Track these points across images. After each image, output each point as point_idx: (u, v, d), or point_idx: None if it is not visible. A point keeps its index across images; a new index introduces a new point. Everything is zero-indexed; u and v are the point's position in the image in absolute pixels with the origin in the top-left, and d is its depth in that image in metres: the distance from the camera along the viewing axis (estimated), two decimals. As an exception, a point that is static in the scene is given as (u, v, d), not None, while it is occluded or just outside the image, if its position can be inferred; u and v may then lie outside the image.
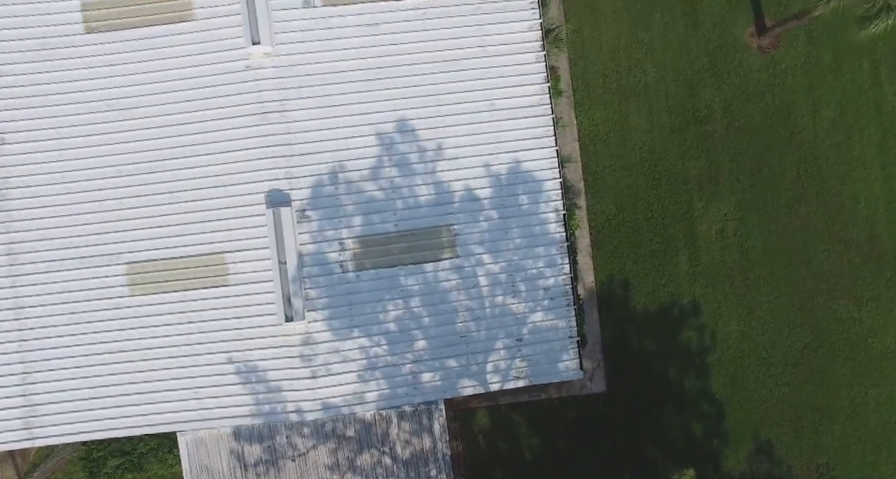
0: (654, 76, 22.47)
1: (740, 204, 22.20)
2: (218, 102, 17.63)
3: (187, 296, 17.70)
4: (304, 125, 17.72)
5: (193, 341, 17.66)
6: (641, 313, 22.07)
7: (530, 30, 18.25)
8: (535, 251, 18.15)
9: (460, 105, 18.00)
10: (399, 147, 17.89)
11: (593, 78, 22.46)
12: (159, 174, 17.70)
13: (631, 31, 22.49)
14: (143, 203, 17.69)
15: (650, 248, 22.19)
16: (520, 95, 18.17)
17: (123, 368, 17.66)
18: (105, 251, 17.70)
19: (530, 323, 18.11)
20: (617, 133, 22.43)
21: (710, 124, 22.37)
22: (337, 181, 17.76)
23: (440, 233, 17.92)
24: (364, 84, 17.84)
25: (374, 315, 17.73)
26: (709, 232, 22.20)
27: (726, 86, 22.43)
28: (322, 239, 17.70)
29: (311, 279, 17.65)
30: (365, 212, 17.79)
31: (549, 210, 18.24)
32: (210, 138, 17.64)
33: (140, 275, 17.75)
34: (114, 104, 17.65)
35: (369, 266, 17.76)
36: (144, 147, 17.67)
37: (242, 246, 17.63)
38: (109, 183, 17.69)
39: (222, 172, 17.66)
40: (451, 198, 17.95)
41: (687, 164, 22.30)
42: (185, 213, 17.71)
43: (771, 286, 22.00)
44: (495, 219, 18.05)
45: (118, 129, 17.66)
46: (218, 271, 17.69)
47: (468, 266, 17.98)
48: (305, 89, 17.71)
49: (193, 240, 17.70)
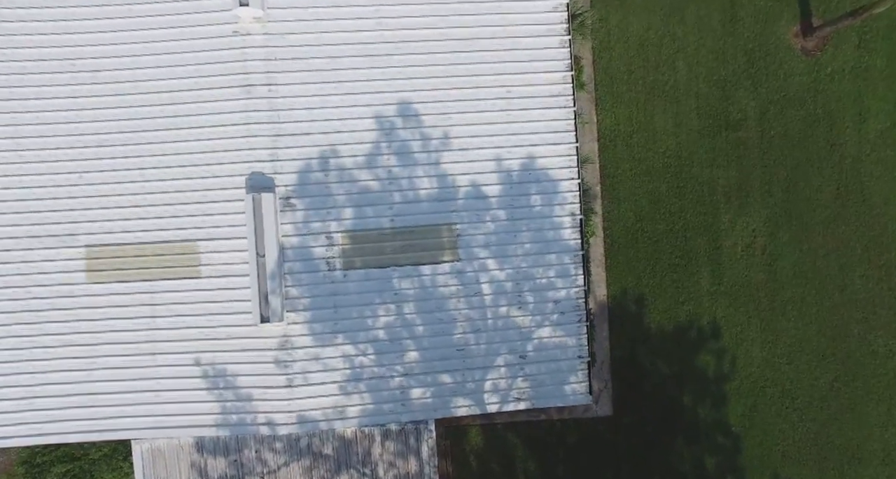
0: (685, 74, 20.53)
1: (771, 219, 20.27)
2: (198, 70, 15.60)
3: (153, 287, 15.66)
4: (293, 102, 15.68)
5: (156, 338, 15.64)
6: (655, 332, 20.18)
7: (555, 10, 16.24)
8: (546, 259, 16.14)
9: (472, 90, 15.97)
10: (400, 133, 15.85)
11: (618, 73, 20.51)
12: (127, 147, 15.66)
13: (662, 23, 20.55)
14: (106, 179, 15.66)
15: (669, 262, 20.28)
16: (539, 82, 16.16)
17: (74, 364, 15.63)
18: (61, 231, 15.67)
19: (536, 339, 16.09)
20: (640, 134, 20.48)
21: (743, 130, 20.42)
22: (327, 167, 15.72)
23: (441, 232, 15.90)
24: (365, 60, 15.81)
25: (362, 320, 15.70)
26: (734, 248, 20.28)
27: (764, 89, 20.48)
28: (307, 231, 15.66)
29: (293, 276, 15.61)
30: (357, 204, 15.75)
31: (564, 214, 16.22)
32: (187, 110, 15.61)
33: (99, 260, 15.71)
34: (79, 64, 15.61)
35: (359, 265, 15.73)
36: (111, 116, 15.63)
37: (218, 234, 15.60)
38: (69, 154, 15.65)
39: (199, 150, 15.63)
40: (455, 194, 15.92)
41: (715, 172, 20.36)
42: (154, 193, 15.67)
43: (800, 311, 20.05)
44: (503, 220, 16.03)
45: (82, 93, 15.62)
46: (189, 261, 15.66)
47: (470, 271, 15.95)
48: (298, 62, 15.69)
49: (162, 224, 15.67)
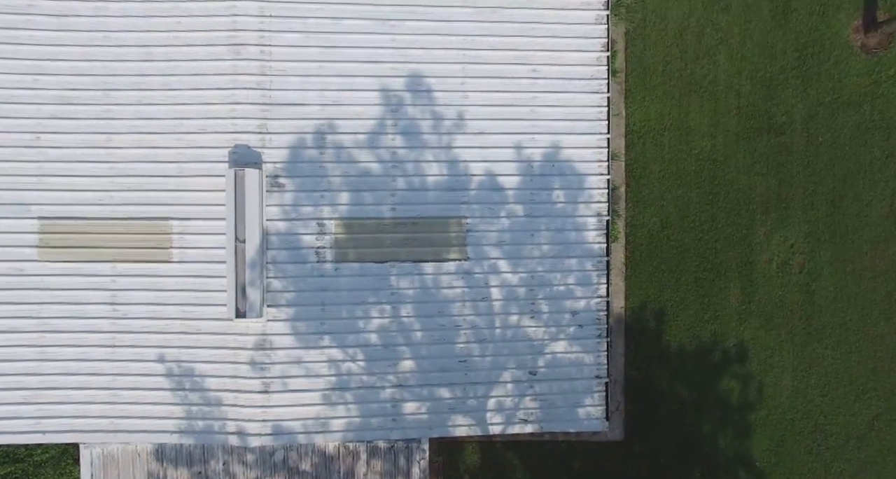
0: (727, 69, 18.55)
1: (812, 235, 18.30)
2: (179, 23, 13.59)
3: (115, 269, 13.67)
4: (287, 66, 13.67)
5: (116, 329, 13.65)
6: (675, 352, 18.23)
7: (594, -20, 14.26)
8: (565, 263, 14.13)
9: (493, 66, 13.96)
10: (408, 110, 13.84)
11: (652, 63, 18.53)
12: (93, 107, 13.64)
13: (705, 10, 18.57)
14: (67, 142, 13.64)
15: (695, 275, 18.33)
16: (571, 62, 14.15)
17: (20, 353, 13.64)
18: (10, 199, 13.65)
19: (549, 354, 14.09)
20: (673, 133, 18.51)
21: (788, 135, 18.45)
22: (323, 144, 13.71)
23: (448, 226, 13.89)
24: (372, 24, 13.80)
25: (353, 321, 13.69)
26: (769, 264, 18.31)
27: (814, 90, 18.49)
28: (296, 216, 13.65)
29: (276, 266, 13.60)
30: (355, 188, 13.74)
31: (589, 213, 14.23)
32: (164, 69, 13.61)
33: (54, 235, 13.70)
34: (39, 6, 13.55)
35: (353, 258, 13.72)
36: (76, 69, 13.60)
37: (193, 213, 13.60)
38: (24, 111, 13.62)
39: (176, 115, 13.62)
40: (467, 183, 13.91)
41: (752, 179, 18.40)
42: (122, 162, 13.67)
43: (839, 339, 18.07)
44: (520, 216, 14.02)
45: (42, 40, 13.58)
46: (158, 242, 13.66)
47: (479, 272, 13.94)
48: (294, 20, 13.68)
49: (130, 198, 13.66)
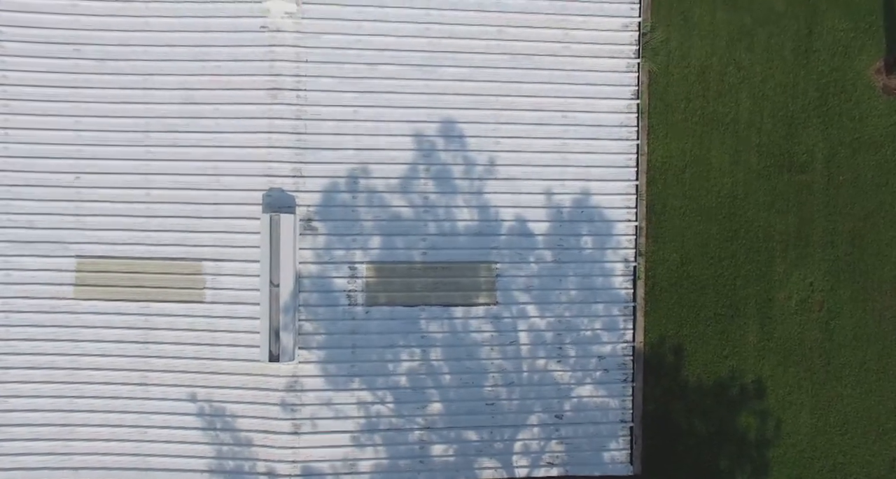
0: (749, 108, 18.73)
1: (831, 273, 18.46)
2: (218, 67, 13.78)
3: (149, 309, 13.85)
4: (322, 111, 13.86)
5: (149, 367, 13.83)
6: (693, 387, 18.38)
7: (625, 29, 14.42)
8: (592, 308, 14.32)
9: (526, 112, 14.15)
10: (440, 155, 14.03)
11: (675, 100, 18.70)
12: (131, 149, 13.84)
13: (728, 49, 18.74)
14: (106, 183, 13.85)
15: (714, 311, 18.48)
16: (601, 109, 14.35)
17: (54, 389, 13.83)
18: (50, 238, 13.86)
19: (575, 398, 14.27)
20: (694, 170, 18.68)
21: (808, 174, 18.61)
22: (356, 188, 13.90)
23: (478, 271, 14.08)
24: (406, 69, 13.99)
25: (382, 364, 13.88)
26: (788, 301, 18.47)
27: (835, 130, 18.66)
28: (329, 259, 13.84)
29: (309, 309, 13.78)
30: (387, 232, 13.92)
31: (616, 259, 14.42)
32: (202, 112, 13.79)
33: (90, 274, 13.90)
34: (83, 51, 13.77)
35: (383, 301, 13.91)
36: (116, 112, 13.81)
37: (227, 255, 13.79)
38: (66, 151, 13.84)
39: (213, 157, 13.81)
40: (497, 228, 14.10)
41: (772, 217, 18.57)
42: (158, 203, 13.86)
43: (859, 378, 18.22)
44: (549, 262, 14.21)
45: (85, 83, 13.80)
46: (192, 283, 13.85)
47: (507, 317, 14.12)
48: (331, 66, 13.86)
49: (165, 239, 13.85)
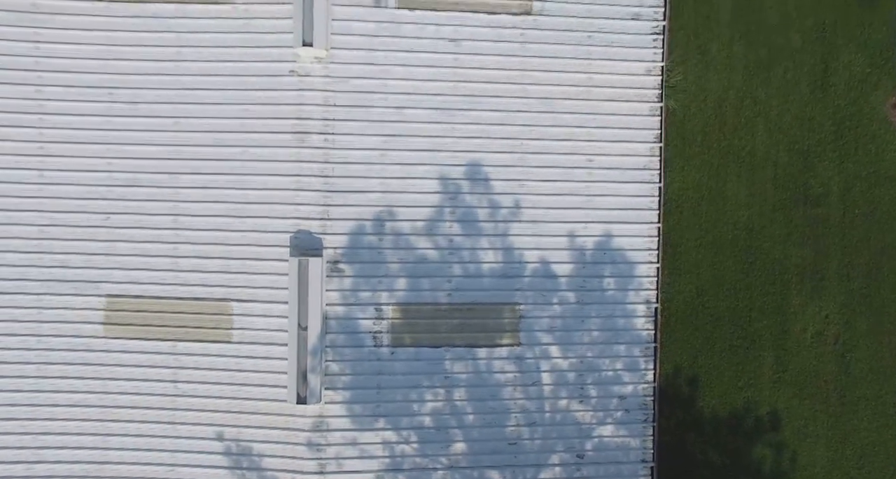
0: (765, 141, 18.93)
1: (847, 306, 18.65)
2: (247, 111, 13.96)
3: (177, 348, 14.04)
4: (350, 155, 14.04)
5: (176, 406, 14.01)
6: (708, 418, 18.57)
7: (648, 73, 14.60)
8: (614, 349, 14.50)
9: (550, 156, 14.33)
10: (466, 199, 14.21)
11: (691, 133, 18.91)
12: (162, 190, 14.03)
13: (745, 83, 18.94)
14: (136, 223, 14.03)
15: (730, 342, 18.68)
16: (624, 152, 14.52)
17: (83, 426, 14.01)
18: (80, 276, 14.04)
19: (596, 437, 14.45)
20: (709, 202, 18.89)
21: (824, 207, 18.81)
22: (382, 231, 14.08)
23: (502, 312, 14.26)
24: (433, 113, 14.17)
25: (407, 404, 14.06)
26: (803, 334, 18.66)
27: (851, 163, 18.85)
28: (355, 301, 14.02)
29: (335, 350, 13.96)
30: (413, 274, 14.10)
31: (638, 301, 14.59)
32: (230, 154, 13.98)
33: (120, 313, 14.08)
34: (116, 94, 13.97)
35: (408, 342, 14.09)
36: (147, 153, 14.00)
37: (254, 296, 13.96)
38: (97, 192, 14.03)
39: (241, 199, 13.99)
40: (521, 270, 14.28)
41: (788, 250, 18.76)
42: (187, 243, 14.04)
43: (875, 412, 18.39)
44: (571, 303, 14.38)
45: (117, 125, 14.00)
46: (220, 323, 14.02)
47: (530, 357, 14.30)
48: (358, 110, 14.05)
49: (194, 279, 14.03)
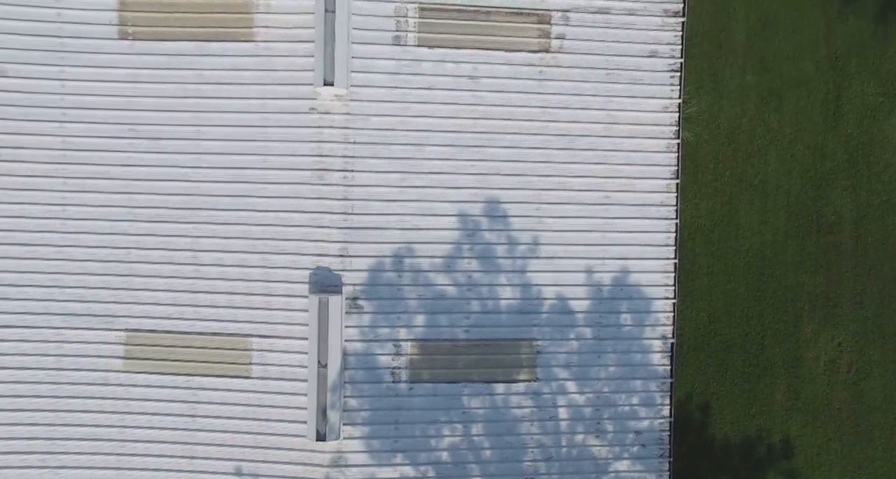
0: (777, 169, 19.02)
1: (861, 334, 18.72)
2: (267, 148, 14.06)
3: (195, 382, 14.13)
4: (369, 191, 14.14)
5: (195, 440, 14.10)
6: (721, 445, 18.66)
7: (665, 110, 14.68)
8: (630, 384, 14.58)
9: (568, 192, 14.41)
10: (484, 235, 14.30)
11: (704, 161, 19.01)
12: (182, 226, 14.13)
13: (758, 111, 19.03)
14: (156, 258, 14.13)
15: (742, 369, 18.77)
16: (641, 189, 14.60)
17: (97, 461, 14.09)
18: (101, 311, 14.14)
19: (612, 472, 14.53)
20: (722, 229, 18.98)
21: (837, 234, 18.89)
22: (401, 267, 14.17)
23: (520, 348, 14.34)
24: (452, 150, 14.25)
25: (425, 439, 14.15)
26: (816, 362, 18.74)
27: (864, 191, 18.93)
28: (374, 337, 14.11)
29: (354, 386, 14.05)
30: (431, 310, 14.20)
31: (654, 336, 14.66)
32: (251, 190, 14.08)
33: (139, 347, 14.18)
34: (138, 131, 14.08)
35: (427, 378, 14.18)
36: (168, 189, 14.11)
37: (274, 332, 14.05)
38: (118, 227, 14.13)
39: (260, 236, 14.09)
40: (539, 306, 14.36)
41: (800, 277, 18.84)
42: (207, 279, 14.13)
43: (890, 440, 18.46)
44: (588, 339, 14.47)
45: (139, 161, 14.11)
46: (239, 358, 14.11)
47: (547, 393, 14.40)
48: (378, 147, 14.14)
49: (213, 314, 14.12)
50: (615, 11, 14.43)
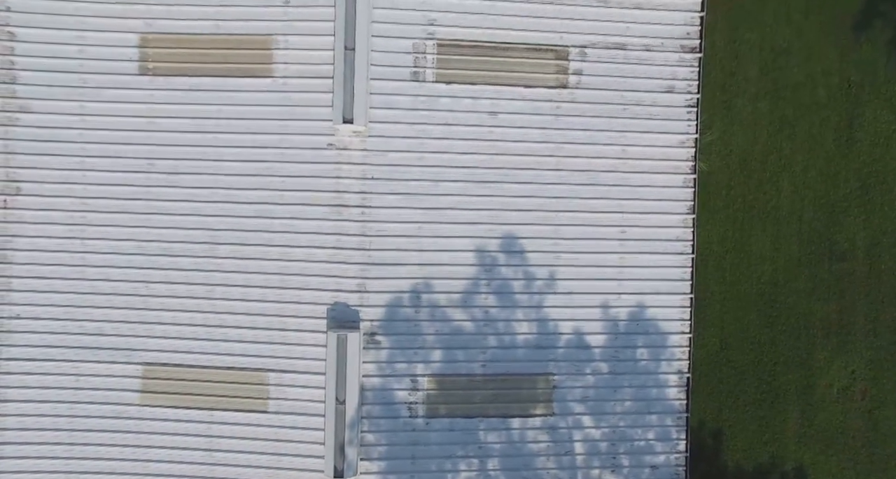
0: (790, 196, 19.04)
1: (874, 362, 18.72)
2: (285, 183, 14.12)
3: (212, 416, 14.18)
4: (386, 227, 14.18)
5: (212, 474, 14.16)
6: (733, 473, 18.67)
7: (682, 146, 14.73)
8: (646, 419, 14.62)
9: (584, 228, 14.46)
10: (501, 270, 14.35)
11: (716, 188, 19.03)
12: (199, 259, 14.18)
13: (770, 138, 19.06)
14: (173, 292, 14.19)
15: (754, 396, 18.78)
16: (658, 224, 14.64)
17: (118, 495, 14.19)
18: (118, 344, 14.20)
19: (628, 507, 14.59)
20: (734, 256, 19.00)
21: (849, 262, 18.90)
22: (419, 303, 14.22)
23: (536, 382, 14.38)
24: (469, 186, 14.30)
25: (441, 474, 14.20)
26: (829, 389, 18.74)
27: (877, 218, 18.95)
28: (391, 372, 14.16)
29: (371, 421, 14.10)
30: (448, 345, 14.24)
31: (670, 371, 14.70)
32: (268, 226, 14.13)
33: (156, 381, 14.23)
34: (156, 165, 14.14)
35: (443, 413, 14.22)
36: (185, 223, 14.16)
37: (291, 366, 14.11)
38: (135, 261, 14.19)
39: (277, 271, 14.14)
40: (555, 341, 14.40)
41: (813, 305, 18.86)
42: (224, 313, 14.19)
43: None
44: (604, 373, 14.51)
45: (157, 195, 14.17)
46: (256, 393, 14.17)
47: (563, 427, 14.43)
48: (396, 183, 14.19)
49: (230, 348, 14.17)
50: (632, 47, 14.49)
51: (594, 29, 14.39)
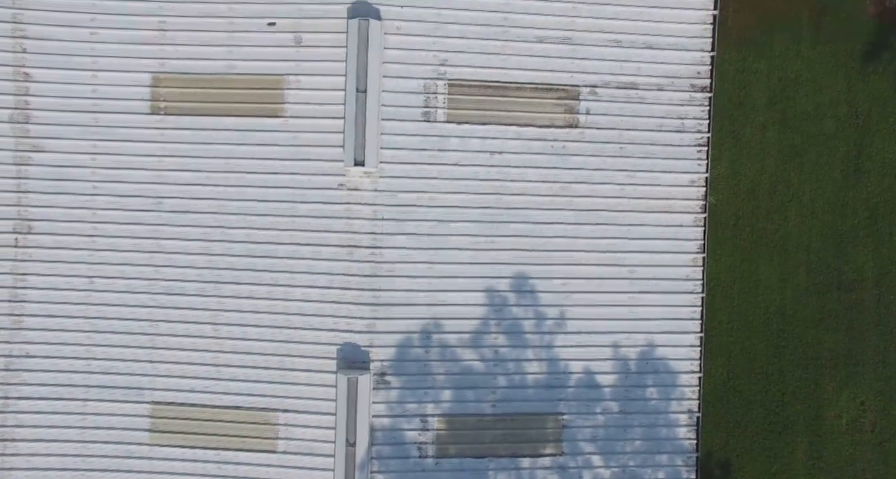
0: (797, 226, 19.02)
1: (883, 393, 18.69)
2: (295, 223, 14.12)
3: (221, 456, 14.17)
4: (396, 268, 14.18)
5: (220, 513, 14.17)
6: (741, 504, 18.66)
7: (692, 185, 14.72)
8: (656, 459, 14.59)
9: (594, 267, 14.45)
10: (511, 310, 14.34)
11: (724, 218, 19.01)
12: (207, 299, 14.18)
13: (778, 169, 19.05)
14: (183, 332, 14.19)
15: (763, 426, 18.75)
16: (667, 263, 14.63)
17: (128, 533, 14.17)
18: (127, 383, 14.20)
19: (638, 547, 14.56)
20: (742, 286, 18.98)
21: (858, 292, 18.88)
22: (429, 343, 14.21)
23: (546, 422, 14.37)
24: (479, 226, 14.30)
25: (450, 515, 14.21)
26: (838, 420, 18.71)
27: (885, 249, 18.93)
28: (401, 413, 14.15)
29: (381, 461, 14.09)
30: (458, 385, 14.23)
31: (681, 410, 14.68)
32: (278, 266, 14.13)
33: (165, 420, 14.23)
34: (164, 204, 14.14)
35: (453, 453, 14.21)
36: (193, 263, 14.17)
37: (300, 406, 14.10)
38: (143, 300, 14.20)
39: (287, 311, 14.14)
40: (565, 381, 14.40)
41: (821, 335, 18.83)
42: (233, 353, 14.19)
43: (911, 504, 18.45)
44: (614, 413, 14.50)
45: (166, 234, 14.18)
46: (265, 432, 14.16)
47: (573, 467, 14.41)
48: (406, 223, 14.19)
49: (238, 388, 14.18)
50: (642, 86, 14.49)
51: (605, 69, 14.39)
